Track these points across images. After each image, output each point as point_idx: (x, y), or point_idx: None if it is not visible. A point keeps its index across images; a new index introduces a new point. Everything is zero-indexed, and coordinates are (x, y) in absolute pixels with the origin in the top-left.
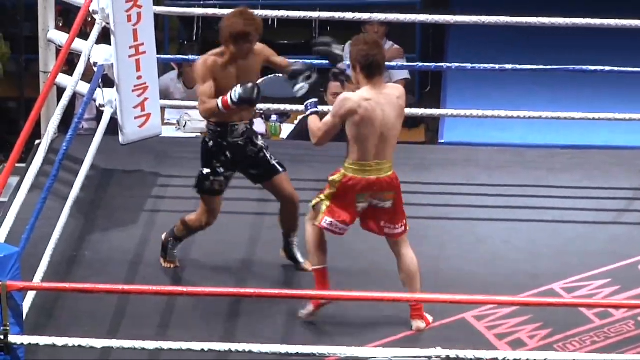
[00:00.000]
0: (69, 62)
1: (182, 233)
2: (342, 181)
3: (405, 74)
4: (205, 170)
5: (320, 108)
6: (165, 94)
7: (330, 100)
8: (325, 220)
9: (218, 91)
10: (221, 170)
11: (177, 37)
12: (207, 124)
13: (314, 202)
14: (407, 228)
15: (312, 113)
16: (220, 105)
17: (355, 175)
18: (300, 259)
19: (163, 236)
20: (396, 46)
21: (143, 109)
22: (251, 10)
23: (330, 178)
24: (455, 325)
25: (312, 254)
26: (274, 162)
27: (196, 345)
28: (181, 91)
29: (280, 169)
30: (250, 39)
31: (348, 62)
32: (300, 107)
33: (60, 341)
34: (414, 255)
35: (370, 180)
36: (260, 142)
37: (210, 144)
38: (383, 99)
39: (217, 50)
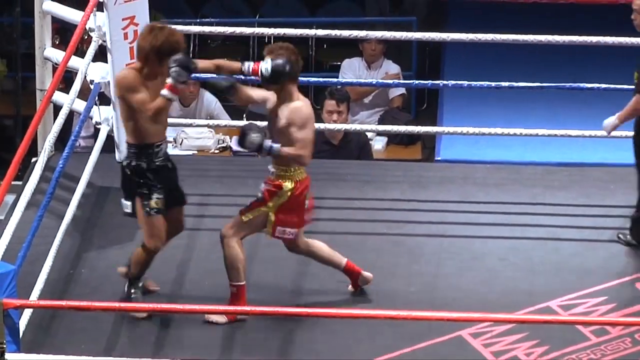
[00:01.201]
0: (66, 80)
1: (138, 270)
2: (295, 187)
3: (401, 90)
4: (143, 191)
5: (316, 125)
6: None
7: (326, 118)
8: (278, 230)
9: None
10: (157, 188)
11: None
12: (129, 148)
13: (248, 216)
14: None
15: (273, 148)
16: (167, 93)
17: (303, 178)
18: None
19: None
20: (393, 71)
21: None
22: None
23: (277, 190)
24: (452, 342)
25: (236, 270)
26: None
27: None
28: (177, 109)
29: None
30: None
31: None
32: None
33: (56, 359)
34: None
35: (308, 178)
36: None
37: (133, 164)
38: None
39: (134, 65)
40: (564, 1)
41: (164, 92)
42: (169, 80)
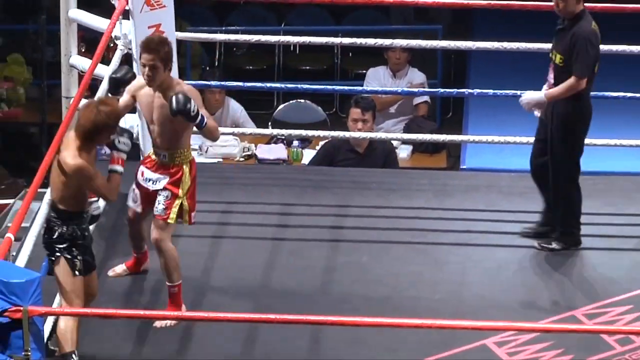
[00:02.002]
0: (91, 88)
1: (67, 342)
2: (192, 168)
3: (425, 98)
4: (72, 253)
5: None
6: None
7: (351, 126)
8: (193, 216)
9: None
10: (83, 250)
11: (199, 62)
12: (63, 214)
13: (172, 217)
14: None
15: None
16: (120, 168)
17: (192, 157)
18: None
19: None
20: (418, 80)
21: None
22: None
23: (180, 176)
24: (477, 351)
25: (175, 271)
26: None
27: None
28: None
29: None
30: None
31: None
32: (322, 133)
33: None
34: None
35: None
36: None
37: (64, 229)
38: None
39: (75, 146)
40: (591, 9)
41: (118, 168)
42: (120, 155)
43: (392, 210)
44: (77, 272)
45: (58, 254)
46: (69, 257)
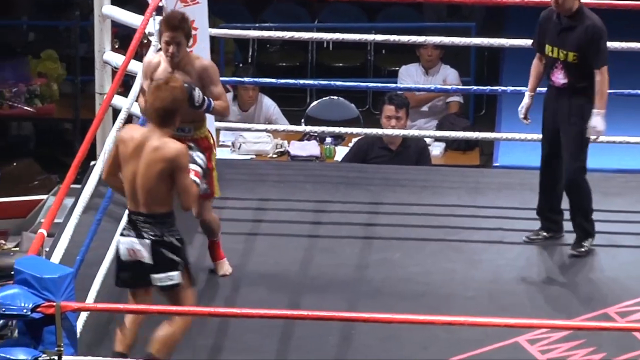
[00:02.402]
0: (125, 84)
1: (165, 350)
2: (213, 138)
3: (458, 96)
4: (187, 262)
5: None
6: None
7: (385, 123)
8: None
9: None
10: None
11: (232, 59)
12: (166, 218)
13: (216, 189)
14: None
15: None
16: (199, 181)
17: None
18: None
19: None
20: (451, 77)
21: None
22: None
23: (210, 148)
24: (509, 349)
25: (219, 229)
26: None
27: None
28: (236, 114)
29: None
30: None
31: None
32: (355, 130)
33: None
34: None
35: None
36: None
37: (174, 233)
38: None
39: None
40: (621, 7)
41: (196, 179)
42: (196, 168)
43: (425, 208)
44: (194, 283)
45: (179, 267)
46: (188, 265)
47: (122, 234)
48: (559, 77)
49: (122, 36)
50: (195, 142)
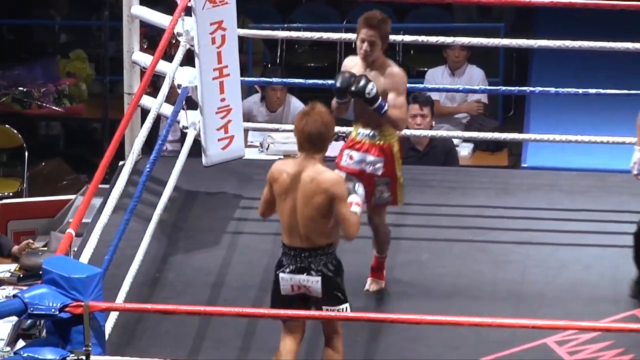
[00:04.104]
0: (153, 84)
1: None
2: (400, 144)
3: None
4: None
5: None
6: (248, 117)
7: (410, 123)
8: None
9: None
10: None
11: (261, 59)
12: (329, 248)
13: (399, 198)
14: None
15: (382, 106)
16: (359, 210)
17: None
18: None
19: None
20: (477, 76)
21: (226, 131)
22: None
23: (393, 156)
24: (537, 350)
25: (388, 244)
26: None
27: None
28: (264, 114)
29: None
30: None
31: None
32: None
33: None
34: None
35: None
36: None
37: (336, 263)
38: None
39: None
40: (580, 6)
41: (357, 209)
42: (356, 199)
43: (453, 209)
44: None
45: (346, 298)
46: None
47: (281, 270)
48: None
49: (151, 36)
50: (379, 149)
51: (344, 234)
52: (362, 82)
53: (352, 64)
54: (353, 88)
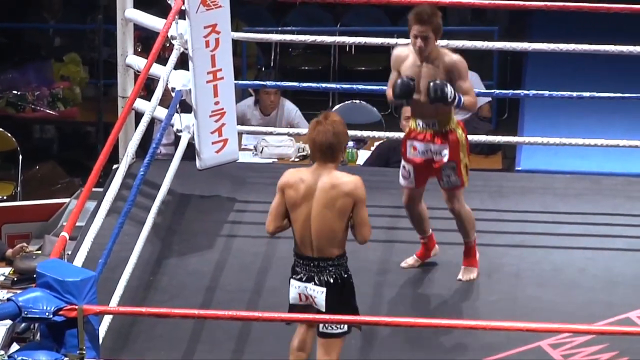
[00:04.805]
0: (147, 87)
1: None
2: (463, 128)
3: (487, 98)
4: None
5: (396, 134)
6: (241, 121)
7: (403, 125)
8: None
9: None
10: None
11: (255, 63)
12: (340, 259)
13: (465, 180)
14: None
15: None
16: None
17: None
18: None
19: None
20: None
21: (220, 135)
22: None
23: (458, 141)
24: (531, 353)
25: (473, 229)
26: None
27: None
28: (257, 117)
29: None
30: None
31: None
32: (377, 133)
33: None
34: None
35: None
36: None
37: (349, 274)
38: None
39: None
40: (621, 10)
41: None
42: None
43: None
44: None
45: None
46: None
47: (293, 277)
48: None
49: (145, 39)
50: (442, 136)
51: (358, 236)
52: (439, 89)
53: (404, 55)
54: (432, 96)
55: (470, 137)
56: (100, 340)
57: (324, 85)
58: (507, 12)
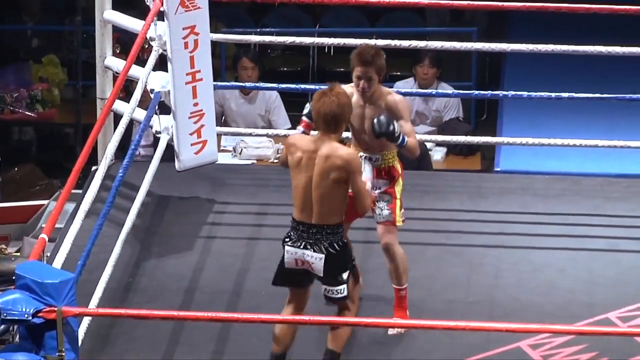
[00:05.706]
0: (126, 89)
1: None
2: (401, 167)
3: (456, 111)
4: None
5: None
6: (221, 102)
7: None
8: (403, 215)
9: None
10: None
11: (233, 64)
12: (336, 229)
13: (399, 220)
14: None
15: (403, 140)
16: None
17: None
18: None
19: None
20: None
21: (199, 136)
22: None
23: (396, 177)
24: (511, 353)
25: (405, 274)
26: None
27: None
28: (237, 97)
29: None
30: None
31: None
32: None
33: None
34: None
35: None
36: None
37: (345, 241)
38: None
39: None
40: (625, 12)
41: (368, 185)
42: (365, 176)
43: (426, 212)
44: (358, 279)
45: (348, 279)
46: (354, 267)
47: (287, 243)
48: None
49: (124, 41)
50: (383, 172)
51: (358, 207)
52: (391, 125)
53: (349, 94)
54: (377, 130)
55: (450, 138)
56: (80, 342)
57: (302, 86)
58: (486, 13)
